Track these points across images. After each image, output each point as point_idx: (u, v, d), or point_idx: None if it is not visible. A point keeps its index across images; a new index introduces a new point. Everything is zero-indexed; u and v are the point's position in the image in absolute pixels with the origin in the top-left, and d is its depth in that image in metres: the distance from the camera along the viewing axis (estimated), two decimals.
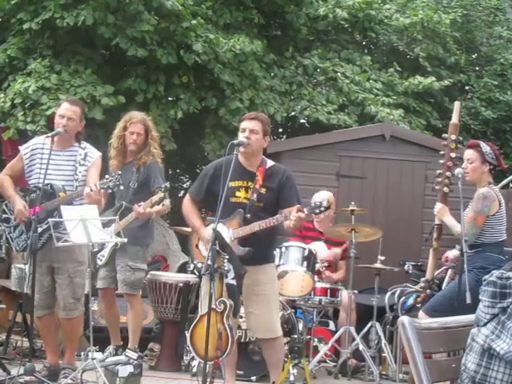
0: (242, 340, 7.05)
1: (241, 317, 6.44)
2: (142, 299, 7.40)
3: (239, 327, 6.78)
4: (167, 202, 6.91)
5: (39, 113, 9.18)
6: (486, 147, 6.33)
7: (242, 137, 5.73)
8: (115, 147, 7.19)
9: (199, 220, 5.89)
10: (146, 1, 9.62)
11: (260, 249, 5.70)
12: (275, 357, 5.93)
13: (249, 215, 5.69)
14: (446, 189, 6.49)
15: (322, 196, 8.16)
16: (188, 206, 6.00)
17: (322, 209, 5.52)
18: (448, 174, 6.48)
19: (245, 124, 5.79)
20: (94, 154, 6.56)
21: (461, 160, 6.45)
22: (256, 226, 5.62)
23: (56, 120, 6.48)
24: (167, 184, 6.81)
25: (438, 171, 6.57)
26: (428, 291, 6.58)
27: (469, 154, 6.35)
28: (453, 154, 6.54)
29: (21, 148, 6.68)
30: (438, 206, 6.48)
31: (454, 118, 6.73)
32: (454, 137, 6.60)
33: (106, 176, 6.24)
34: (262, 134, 5.79)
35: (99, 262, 7.12)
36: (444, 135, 6.71)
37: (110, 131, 7.59)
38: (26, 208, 6.39)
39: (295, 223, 5.48)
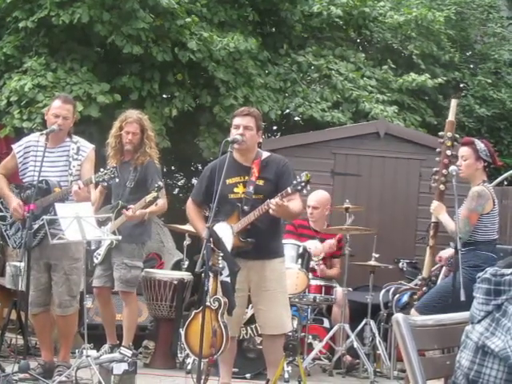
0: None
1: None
2: (137, 297, 7.41)
3: None
4: (161, 201, 6.95)
5: (35, 111, 9.18)
6: (480, 144, 6.35)
7: (235, 134, 5.71)
8: (113, 147, 7.23)
9: (201, 222, 5.86)
10: None
11: (264, 241, 5.69)
12: (275, 355, 5.93)
13: (246, 207, 5.67)
14: (442, 186, 6.50)
15: (318, 196, 8.19)
16: (190, 209, 6.02)
17: (303, 184, 5.44)
18: (444, 171, 6.48)
19: (238, 121, 5.76)
20: (87, 148, 6.55)
21: (457, 158, 6.47)
22: (251, 216, 5.61)
23: (50, 119, 6.46)
24: (161, 183, 6.84)
25: (435, 169, 6.58)
26: (424, 289, 6.58)
27: (463, 151, 6.37)
28: (449, 152, 6.54)
29: (13, 146, 6.68)
30: (435, 203, 6.49)
31: (451, 116, 6.75)
32: (450, 134, 6.61)
33: (101, 169, 6.27)
34: (255, 129, 5.77)
35: (95, 261, 7.13)
36: (440, 133, 6.72)
37: (105, 128, 7.60)
38: (20, 206, 6.38)
39: (277, 210, 5.44)
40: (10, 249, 7.89)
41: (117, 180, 6.41)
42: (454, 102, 6.83)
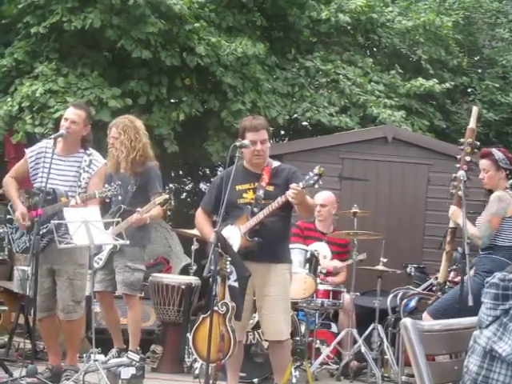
0: (244, 342, 7.05)
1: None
2: (145, 301, 7.40)
3: None
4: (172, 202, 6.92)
5: (47, 116, 9.21)
6: (498, 154, 6.36)
7: (253, 148, 5.71)
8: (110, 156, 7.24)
9: (209, 228, 5.87)
10: (152, 4, 9.62)
11: (271, 242, 5.69)
12: (281, 361, 5.91)
13: (256, 209, 5.69)
14: (460, 192, 6.50)
15: (325, 195, 8.18)
16: (199, 217, 6.04)
17: (316, 178, 5.49)
18: (456, 175, 6.50)
19: (254, 136, 5.73)
20: (99, 162, 6.54)
21: (476, 164, 6.51)
22: (260, 214, 5.64)
23: (61, 123, 6.51)
24: (172, 185, 6.84)
25: (454, 175, 6.59)
26: (439, 294, 6.59)
27: (483, 163, 6.39)
28: (468, 158, 6.57)
29: (27, 151, 6.67)
30: (452, 208, 6.50)
31: (471, 123, 6.79)
32: (470, 141, 6.64)
33: (106, 185, 6.31)
34: (268, 139, 5.84)
35: (96, 265, 7.09)
36: (461, 139, 6.76)
37: None
38: (23, 215, 6.37)
39: (295, 197, 5.46)
40: (15, 252, 7.91)
41: (119, 198, 6.45)
42: (475, 109, 6.89)
